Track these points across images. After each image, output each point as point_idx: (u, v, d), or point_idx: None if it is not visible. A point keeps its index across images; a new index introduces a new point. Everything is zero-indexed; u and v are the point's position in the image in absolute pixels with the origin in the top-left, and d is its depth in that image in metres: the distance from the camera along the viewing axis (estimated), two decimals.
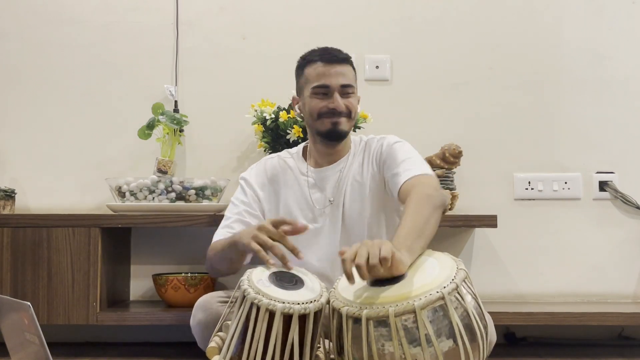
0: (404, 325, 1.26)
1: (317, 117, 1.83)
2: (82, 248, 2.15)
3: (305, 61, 1.87)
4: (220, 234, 1.83)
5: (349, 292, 1.37)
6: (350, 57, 1.88)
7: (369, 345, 1.28)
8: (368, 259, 1.31)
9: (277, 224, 1.57)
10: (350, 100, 1.83)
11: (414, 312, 1.26)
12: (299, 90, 1.90)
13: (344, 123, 1.82)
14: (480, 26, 2.57)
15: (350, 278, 1.33)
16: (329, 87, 1.81)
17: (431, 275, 1.34)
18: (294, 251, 1.55)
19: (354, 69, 1.88)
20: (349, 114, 1.82)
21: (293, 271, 1.50)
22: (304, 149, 1.96)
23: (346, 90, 1.82)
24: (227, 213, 1.90)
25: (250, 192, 1.90)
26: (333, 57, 1.83)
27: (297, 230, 1.57)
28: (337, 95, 1.81)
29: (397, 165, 1.77)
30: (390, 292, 1.32)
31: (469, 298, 1.32)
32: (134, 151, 2.50)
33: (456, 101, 2.55)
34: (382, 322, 1.27)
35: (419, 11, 2.58)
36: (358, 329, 1.30)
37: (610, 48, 2.56)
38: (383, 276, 1.34)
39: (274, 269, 1.48)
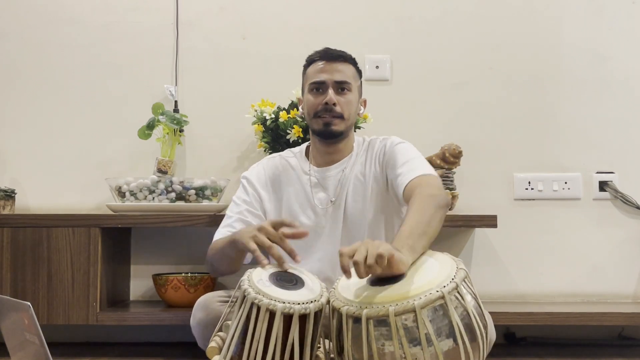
0: (404, 324, 1.26)
1: (313, 116, 1.84)
2: (82, 248, 2.15)
3: (308, 61, 1.89)
4: (221, 233, 1.83)
5: (349, 292, 1.37)
6: (353, 57, 1.88)
7: (369, 344, 1.28)
8: (367, 257, 1.31)
9: (277, 225, 1.56)
10: (346, 98, 1.82)
11: (414, 311, 1.26)
12: (302, 90, 1.91)
13: (337, 124, 1.82)
14: (480, 26, 2.57)
15: (346, 272, 1.34)
16: (324, 83, 1.81)
17: (431, 275, 1.34)
18: (291, 254, 1.54)
19: (357, 69, 1.88)
20: (341, 115, 1.81)
21: (293, 271, 1.50)
22: (307, 148, 1.96)
23: (342, 86, 1.82)
24: (228, 212, 1.90)
25: (252, 191, 1.90)
26: (333, 55, 1.84)
27: (297, 235, 1.56)
28: (331, 91, 1.81)
29: (400, 166, 1.78)
30: (390, 292, 1.32)
31: (469, 298, 1.32)
32: (134, 151, 2.49)
33: (456, 101, 2.55)
34: (382, 321, 1.27)
35: (419, 11, 2.58)
36: (358, 329, 1.30)
37: (610, 48, 2.56)
38: (383, 275, 1.35)
39: (274, 269, 1.48)
